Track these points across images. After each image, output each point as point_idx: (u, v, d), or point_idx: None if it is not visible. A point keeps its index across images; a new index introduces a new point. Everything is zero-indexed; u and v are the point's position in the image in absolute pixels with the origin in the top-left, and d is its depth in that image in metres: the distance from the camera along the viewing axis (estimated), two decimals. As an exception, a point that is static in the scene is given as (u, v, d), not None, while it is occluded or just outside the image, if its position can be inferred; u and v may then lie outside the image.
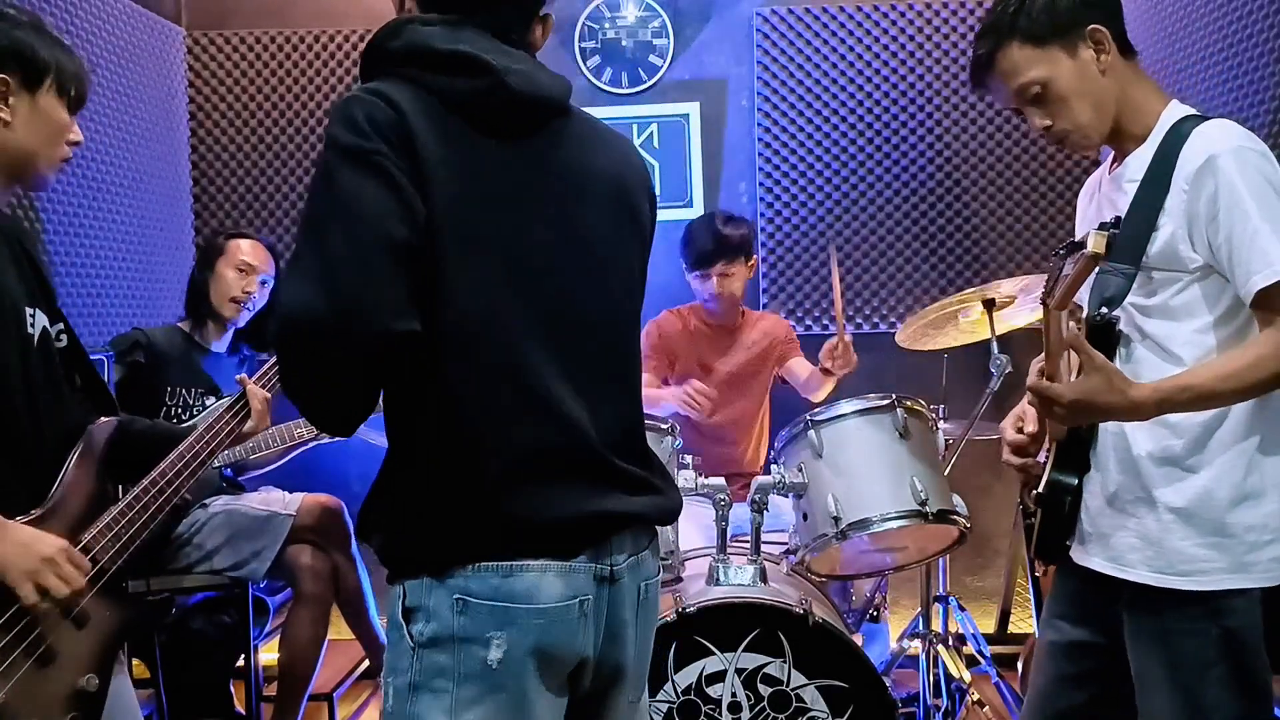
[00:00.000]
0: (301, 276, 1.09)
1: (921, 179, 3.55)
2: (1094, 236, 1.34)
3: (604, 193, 1.28)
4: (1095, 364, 1.39)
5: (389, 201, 1.09)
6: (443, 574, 1.15)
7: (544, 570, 1.16)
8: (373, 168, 1.09)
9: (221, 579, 2.62)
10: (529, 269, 1.19)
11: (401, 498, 1.20)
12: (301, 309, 1.07)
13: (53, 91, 1.55)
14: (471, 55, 1.16)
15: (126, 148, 3.12)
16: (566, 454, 1.19)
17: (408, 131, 1.11)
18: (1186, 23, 2.89)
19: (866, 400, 2.29)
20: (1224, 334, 1.47)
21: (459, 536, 1.16)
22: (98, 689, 1.48)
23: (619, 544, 1.24)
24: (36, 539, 1.43)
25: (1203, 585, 1.46)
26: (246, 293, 2.78)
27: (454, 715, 1.15)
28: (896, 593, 3.18)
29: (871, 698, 2.06)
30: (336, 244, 1.07)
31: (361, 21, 3.59)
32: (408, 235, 1.09)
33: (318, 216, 1.10)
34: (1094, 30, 1.52)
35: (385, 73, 1.17)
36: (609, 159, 1.30)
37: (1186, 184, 1.45)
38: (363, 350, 1.08)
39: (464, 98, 1.16)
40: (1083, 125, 1.55)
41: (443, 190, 1.12)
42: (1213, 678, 1.46)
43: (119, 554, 1.53)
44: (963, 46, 3.53)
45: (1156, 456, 1.50)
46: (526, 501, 1.16)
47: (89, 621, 1.49)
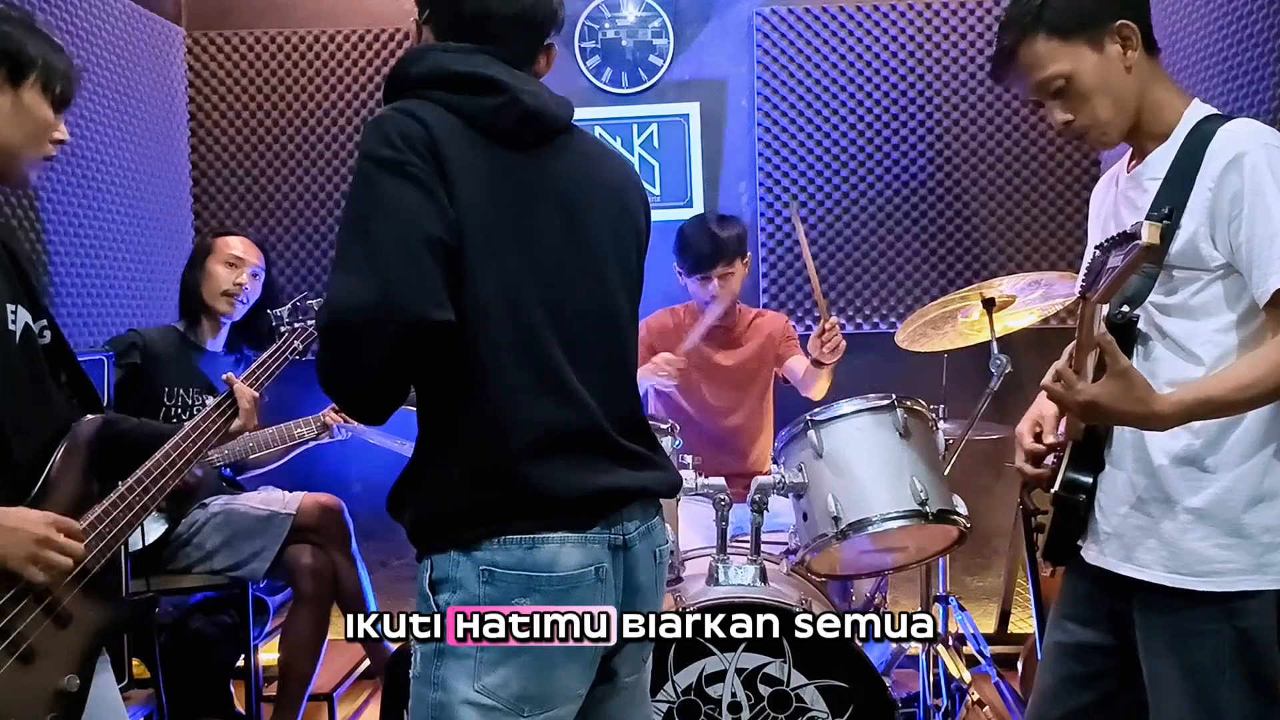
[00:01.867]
0: (347, 269, 1.20)
1: (921, 179, 3.55)
2: (1148, 227, 1.28)
3: (604, 202, 1.40)
4: (1118, 368, 1.36)
5: (425, 203, 1.21)
6: (470, 547, 1.25)
7: (563, 542, 1.27)
8: (408, 175, 1.21)
9: (221, 579, 2.63)
10: (539, 264, 1.30)
11: (431, 477, 1.30)
12: (351, 298, 1.18)
13: (36, 88, 1.53)
14: (489, 76, 1.29)
15: (126, 148, 3.12)
16: (581, 433, 1.30)
17: (434, 143, 1.23)
18: (1186, 23, 2.89)
19: (866, 400, 2.29)
20: (1244, 334, 1.45)
21: (486, 510, 1.26)
22: (79, 689, 1.46)
23: (629, 515, 1.35)
24: (22, 520, 1.42)
25: (1219, 586, 1.45)
26: (238, 285, 2.80)
27: (477, 677, 1.24)
28: (896, 593, 3.17)
29: (871, 698, 2.06)
30: (380, 238, 1.19)
31: (361, 21, 3.59)
32: (443, 233, 1.21)
33: (361, 216, 1.22)
34: (1122, 25, 1.49)
35: (409, 94, 1.29)
36: (608, 173, 1.43)
37: (1212, 182, 1.43)
38: (406, 336, 1.19)
39: (482, 113, 1.28)
40: (1104, 122, 1.53)
41: (466, 195, 1.24)
42: (1227, 679, 1.45)
43: (102, 553, 1.51)
44: (963, 46, 3.53)
45: (1175, 457, 1.48)
46: (547, 476, 1.27)
47: (71, 621, 1.47)
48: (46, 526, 1.43)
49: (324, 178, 3.61)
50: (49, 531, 1.43)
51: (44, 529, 1.42)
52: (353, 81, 3.59)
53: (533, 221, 1.31)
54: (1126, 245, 1.32)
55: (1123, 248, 1.33)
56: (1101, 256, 1.37)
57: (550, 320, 1.29)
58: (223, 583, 2.63)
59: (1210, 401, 1.39)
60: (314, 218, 3.62)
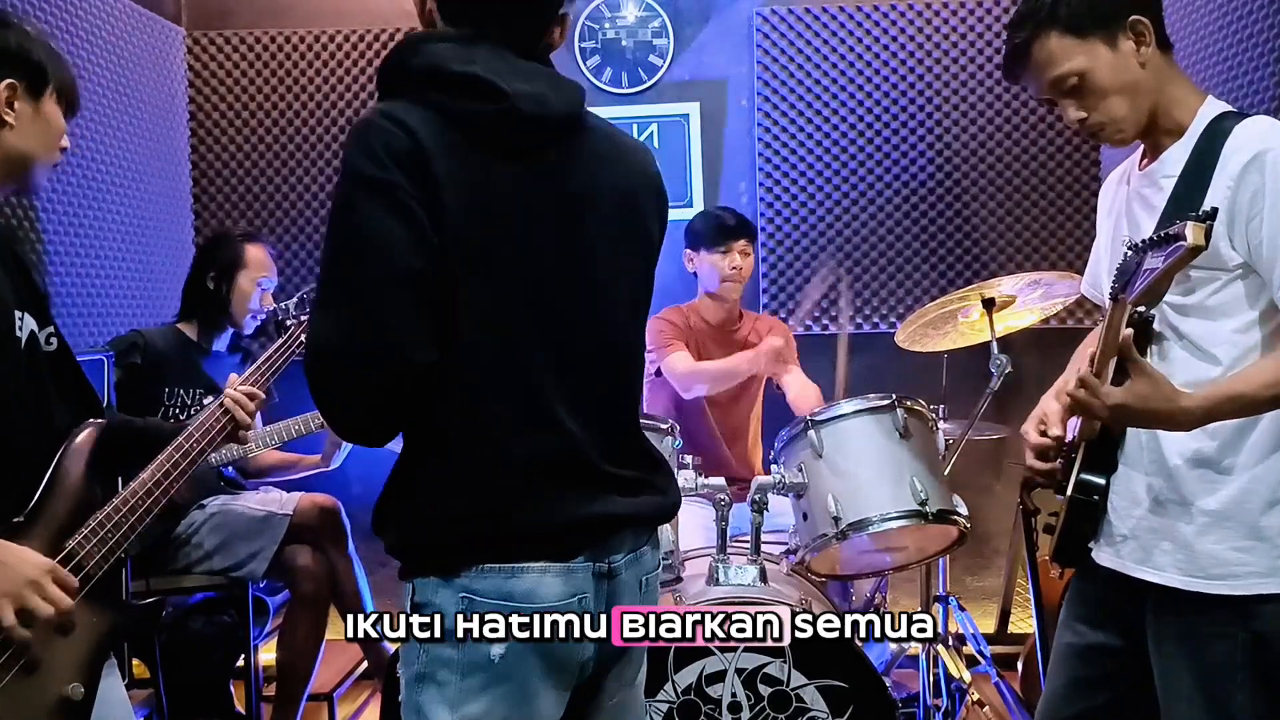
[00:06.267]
0: (326, 312, 1.17)
1: (921, 179, 3.55)
2: (1193, 228, 1.22)
3: (612, 210, 1.31)
4: (1144, 370, 1.34)
5: (407, 234, 1.15)
6: (449, 574, 1.22)
7: (544, 571, 1.23)
8: (391, 201, 1.15)
9: (220, 579, 2.62)
10: (532, 287, 1.24)
11: (413, 499, 1.26)
12: (329, 345, 1.16)
13: (54, 98, 1.56)
14: (483, 80, 1.20)
15: (126, 148, 3.12)
16: (564, 464, 1.25)
17: (424, 158, 1.16)
18: (1187, 22, 2.89)
19: (866, 400, 2.28)
20: (1264, 333, 1.43)
21: (465, 540, 1.22)
22: (84, 698, 1.45)
23: (618, 543, 1.30)
24: (20, 559, 1.39)
25: (1235, 589, 1.43)
26: (264, 305, 2.85)
27: (456, 706, 1.22)
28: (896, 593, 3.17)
29: (871, 698, 2.06)
30: (359, 275, 1.15)
31: (361, 21, 3.60)
32: (425, 265, 1.16)
33: (341, 251, 1.18)
34: (1136, 21, 1.47)
35: (402, 90, 1.22)
36: (619, 173, 1.33)
37: (1231, 180, 1.40)
38: (389, 381, 1.17)
39: (475, 121, 1.20)
40: (1119, 119, 1.50)
41: (453, 214, 1.17)
42: (1240, 682, 1.43)
43: (105, 558, 1.50)
44: (963, 46, 3.53)
45: (1190, 459, 1.46)
46: (528, 509, 1.23)
47: (75, 629, 1.45)
48: (42, 572, 1.40)
49: (324, 178, 3.61)
50: (42, 577, 1.40)
51: (38, 573, 1.40)
52: (352, 81, 3.59)
53: (529, 239, 1.23)
54: (1168, 246, 1.26)
55: (1163, 249, 1.27)
56: (1136, 257, 1.32)
57: (541, 344, 1.24)
58: (222, 583, 2.63)
59: (1239, 398, 1.37)
60: (314, 218, 3.62)
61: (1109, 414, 1.38)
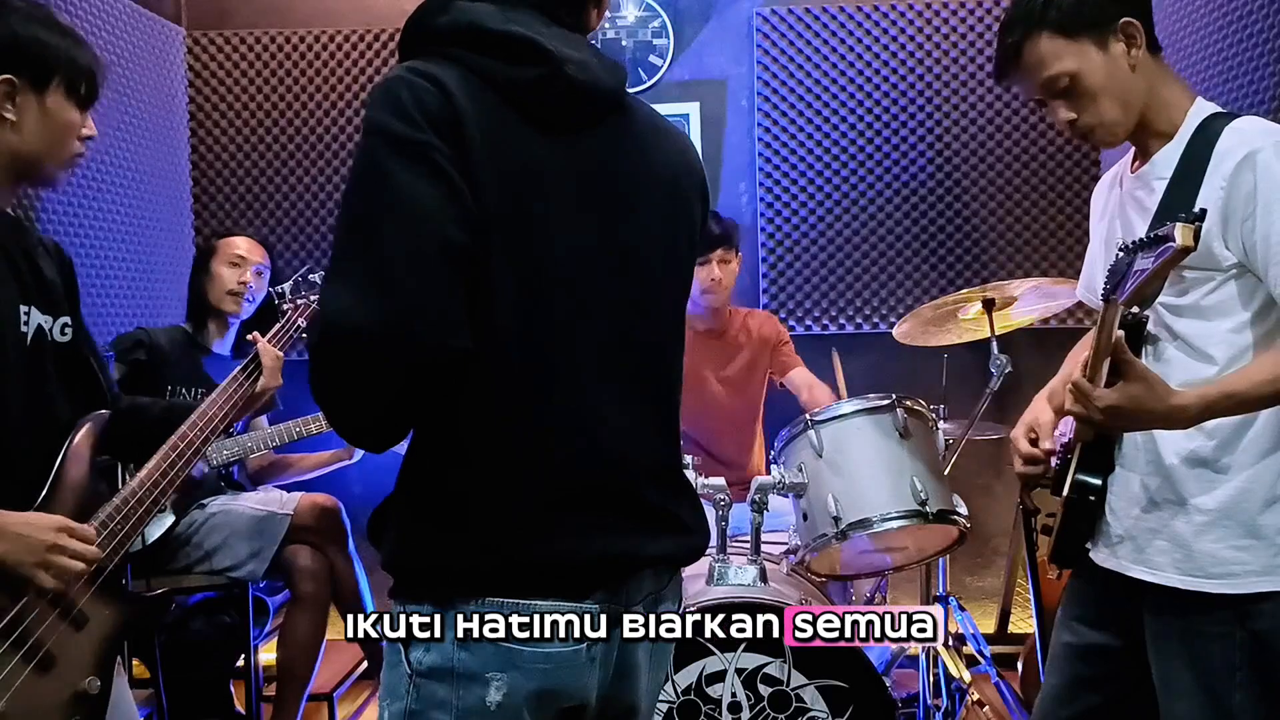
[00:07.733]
0: (346, 281, 0.98)
1: (921, 179, 3.55)
2: (1181, 229, 1.22)
3: (656, 198, 1.18)
4: (1138, 371, 1.34)
5: (445, 201, 0.98)
6: (447, 604, 1.06)
7: (553, 610, 1.07)
8: (426, 162, 0.98)
9: (220, 579, 2.62)
10: (573, 281, 1.09)
11: (413, 512, 1.09)
12: (345, 316, 0.97)
13: (61, 91, 1.50)
14: (528, 38, 1.05)
15: (126, 148, 3.12)
16: (599, 488, 1.10)
17: (458, 119, 1.00)
18: (1186, 23, 2.89)
19: (866, 400, 2.29)
20: (1259, 332, 1.44)
21: (468, 570, 1.07)
22: (100, 690, 1.46)
23: (637, 585, 1.16)
24: (31, 526, 1.40)
25: (1233, 588, 1.43)
26: (242, 283, 2.82)
27: None
28: (896, 593, 3.18)
29: (871, 698, 2.06)
30: (390, 247, 0.97)
31: (361, 21, 3.60)
32: (465, 238, 1.00)
33: (366, 215, 0.99)
34: (1126, 24, 1.48)
35: (429, 51, 1.06)
36: (665, 159, 1.20)
37: (1223, 180, 1.41)
38: (415, 369, 0.98)
39: (516, 85, 1.05)
40: (1109, 121, 1.51)
41: (489, 189, 1.02)
42: (1238, 681, 1.44)
43: (116, 551, 1.51)
44: (963, 46, 3.53)
45: (1187, 458, 1.47)
46: (545, 539, 1.07)
47: (88, 622, 1.46)
48: (56, 532, 1.41)
49: (324, 178, 3.61)
50: (58, 536, 1.41)
51: (53, 534, 1.41)
52: (353, 81, 3.59)
53: (569, 224, 1.08)
54: (1158, 248, 1.27)
55: (1152, 250, 1.28)
56: (1126, 258, 1.33)
57: (584, 341, 1.08)
58: (222, 583, 2.63)
59: (1234, 396, 1.37)
60: (314, 218, 3.62)
61: (1103, 417, 1.37)
